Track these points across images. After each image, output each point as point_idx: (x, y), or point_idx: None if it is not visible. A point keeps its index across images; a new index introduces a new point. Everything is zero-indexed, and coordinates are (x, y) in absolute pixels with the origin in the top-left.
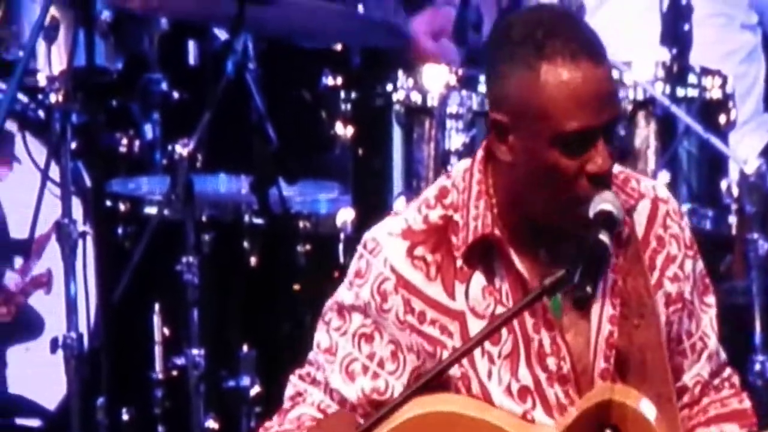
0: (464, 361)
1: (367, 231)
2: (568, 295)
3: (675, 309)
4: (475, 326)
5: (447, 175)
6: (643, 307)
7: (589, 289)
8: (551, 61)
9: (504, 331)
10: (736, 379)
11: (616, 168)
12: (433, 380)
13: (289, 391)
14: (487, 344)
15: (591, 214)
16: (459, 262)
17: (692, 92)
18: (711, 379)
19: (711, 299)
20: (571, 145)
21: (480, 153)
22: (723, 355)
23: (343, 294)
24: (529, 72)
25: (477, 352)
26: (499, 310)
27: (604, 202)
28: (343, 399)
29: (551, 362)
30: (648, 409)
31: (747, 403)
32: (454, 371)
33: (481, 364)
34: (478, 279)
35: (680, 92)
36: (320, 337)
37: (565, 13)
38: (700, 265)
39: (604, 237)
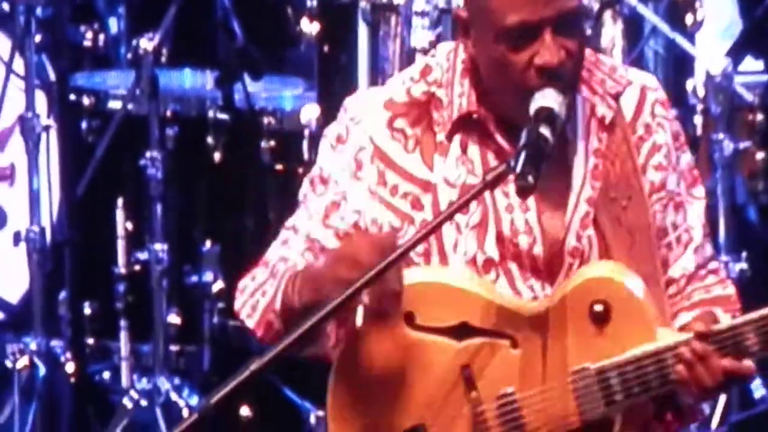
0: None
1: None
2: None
3: (658, 198)
4: (445, 196)
5: (430, 54)
6: (631, 189)
7: (531, 178)
8: None
9: (474, 202)
10: (722, 271)
11: (606, 57)
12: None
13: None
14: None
15: (532, 110)
16: (440, 137)
17: None
18: (697, 270)
19: (699, 191)
20: (514, 39)
21: None
22: (710, 248)
23: (325, 159)
24: None
25: None
26: (470, 180)
27: (544, 99)
28: (323, 248)
29: (522, 240)
30: (635, 285)
31: (731, 290)
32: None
33: (447, 233)
34: (455, 150)
35: None
36: (299, 212)
37: None
38: (688, 156)
39: (544, 130)
